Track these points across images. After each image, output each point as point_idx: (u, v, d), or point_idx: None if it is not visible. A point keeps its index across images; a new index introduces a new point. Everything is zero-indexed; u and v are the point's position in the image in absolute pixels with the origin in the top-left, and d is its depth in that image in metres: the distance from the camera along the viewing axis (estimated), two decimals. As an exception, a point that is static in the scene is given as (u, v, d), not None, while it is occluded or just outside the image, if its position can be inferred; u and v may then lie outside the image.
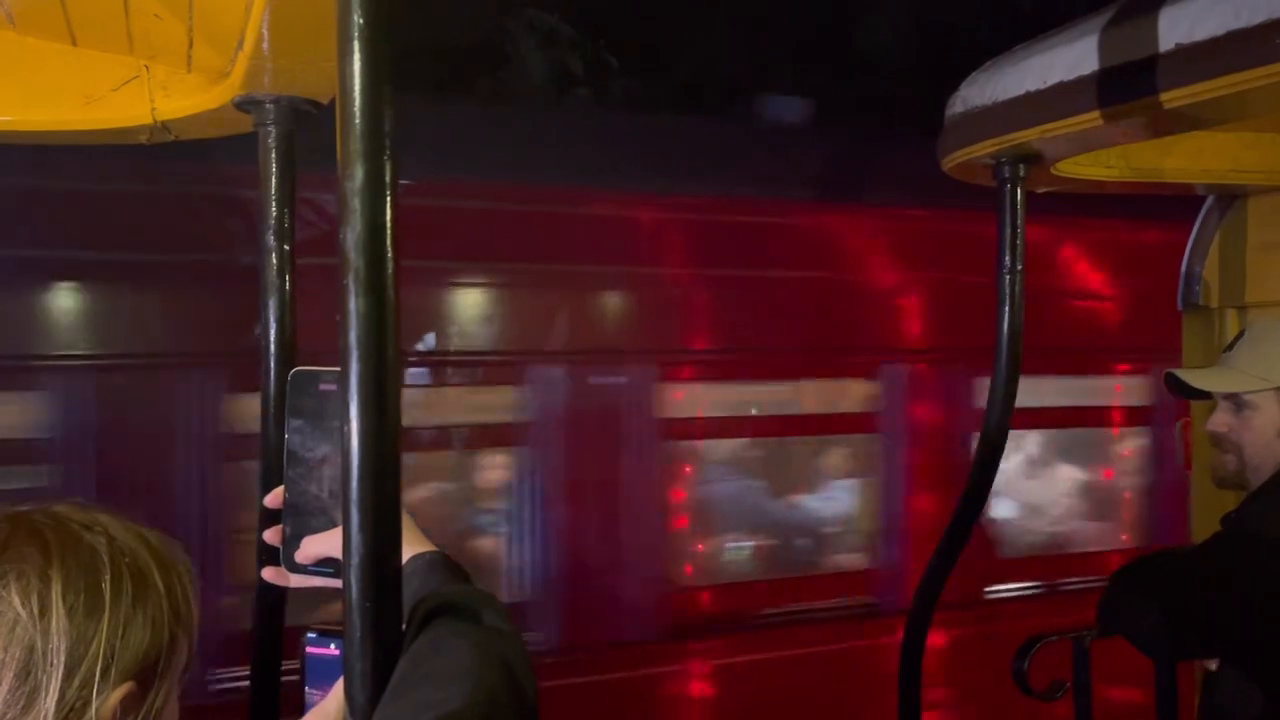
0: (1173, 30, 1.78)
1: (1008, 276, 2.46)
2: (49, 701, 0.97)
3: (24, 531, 1.04)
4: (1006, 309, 2.47)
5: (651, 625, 4.22)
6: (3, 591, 0.99)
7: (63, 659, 0.98)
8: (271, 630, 1.86)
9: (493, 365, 4.18)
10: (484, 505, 4.26)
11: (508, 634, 1.06)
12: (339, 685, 1.02)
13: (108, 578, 1.03)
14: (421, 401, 4.07)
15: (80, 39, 1.68)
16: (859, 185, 4.92)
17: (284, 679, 1.85)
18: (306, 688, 1.12)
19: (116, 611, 1.02)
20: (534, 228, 4.23)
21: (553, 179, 4.18)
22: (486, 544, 4.23)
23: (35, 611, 0.99)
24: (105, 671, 1.00)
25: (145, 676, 1.04)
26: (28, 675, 0.97)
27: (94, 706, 0.99)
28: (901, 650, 2.75)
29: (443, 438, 4.11)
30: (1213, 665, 2.40)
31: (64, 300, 3.50)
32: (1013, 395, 2.52)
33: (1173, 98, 1.78)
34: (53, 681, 0.98)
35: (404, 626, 1.03)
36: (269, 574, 1.27)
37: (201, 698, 3.08)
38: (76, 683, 0.99)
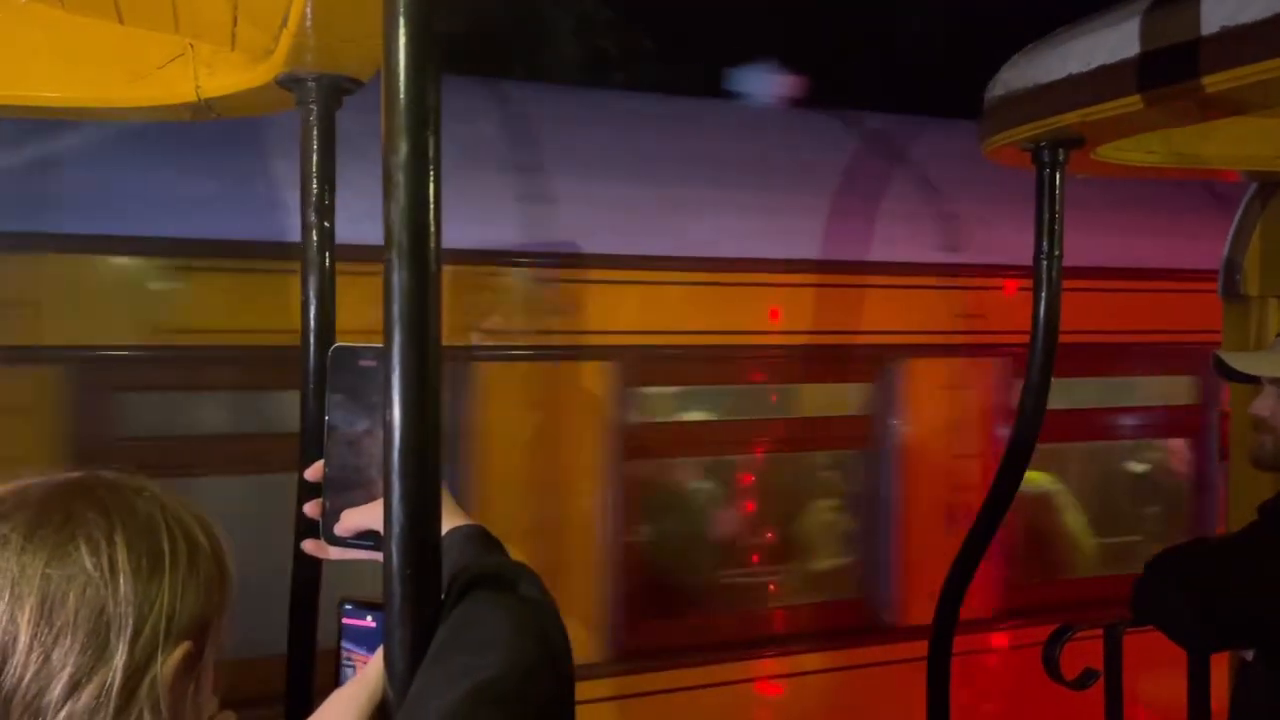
0: (1218, 12, 1.76)
1: (1044, 261, 2.44)
2: (118, 660, 1.00)
3: (85, 497, 1.06)
4: (1043, 294, 2.45)
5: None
6: (74, 553, 1.01)
7: (130, 619, 1.01)
8: (307, 602, 1.89)
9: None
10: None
11: (544, 605, 1.07)
12: (379, 654, 1.04)
13: (165, 541, 1.06)
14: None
15: (127, 17, 1.71)
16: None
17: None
18: (342, 658, 1.14)
19: (176, 573, 1.05)
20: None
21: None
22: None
23: (106, 573, 1.01)
24: (168, 631, 1.03)
25: (200, 636, 1.06)
26: (98, 635, 1.00)
27: (158, 664, 1.02)
28: (928, 665, 2.75)
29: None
30: (1249, 655, 2.38)
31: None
32: (1047, 385, 2.50)
33: (1217, 81, 1.76)
34: (121, 641, 1.00)
35: (442, 598, 1.04)
36: (309, 546, 1.29)
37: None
38: (142, 642, 1.01)
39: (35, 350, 2.68)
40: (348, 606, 1.15)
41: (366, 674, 1.06)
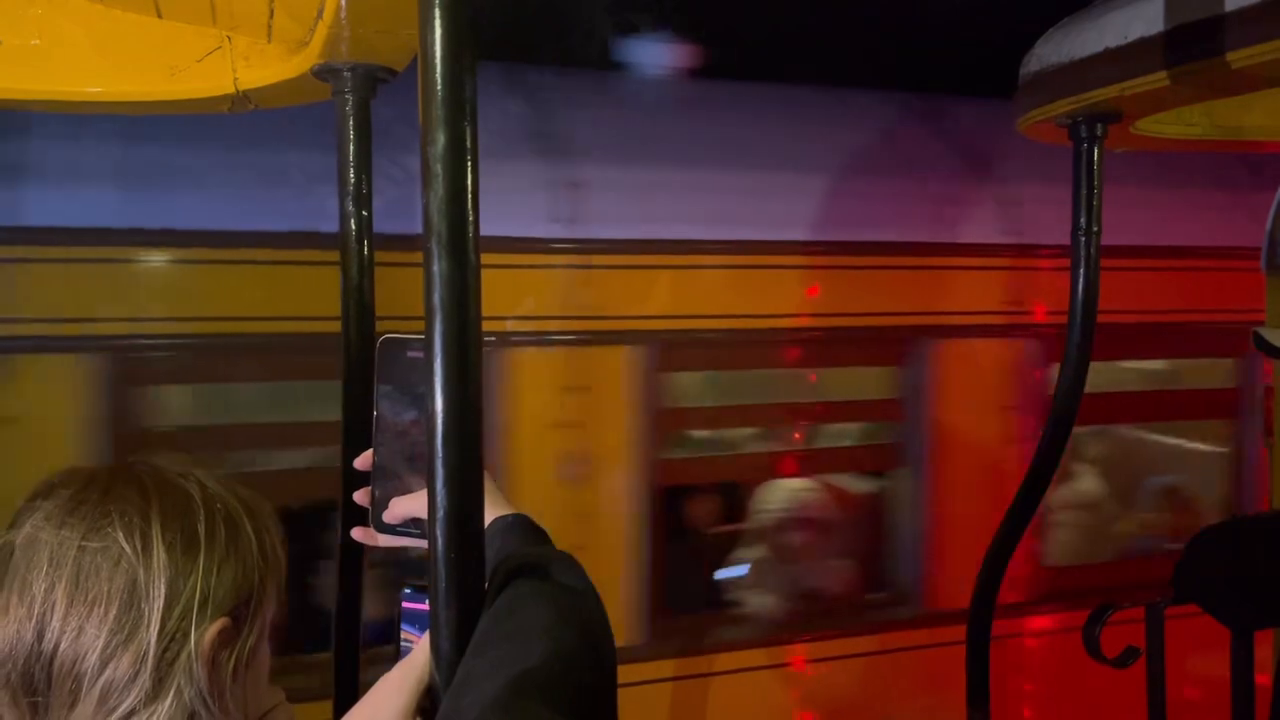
0: (1263, -19, 1.73)
1: (1083, 238, 2.41)
2: (151, 631, 1.04)
3: (124, 477, 1.11)
4: (1081, 271, 2.43)
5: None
6: (109, 529, 1.05)
7: (163, 592, 1.05)
8: (353, 587, 1.92)
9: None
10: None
11: (587, 594, 1.08)
12: (425, 639, 1.06)
13: (202, 520, 1.10)
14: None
15: (165, 11, 1.73)
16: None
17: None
18: (401, 640, 1.16)
19: (212, 551, 1.09)
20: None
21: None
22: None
23: (138, 548, 1.05)
24: (202, 606, 1.07)
25: (239, 614, 1.10)
26: (131, 606, 1.04)
27: (192, 637, 1.05)
28: (966, 645, 2.74)
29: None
30: (1293, 633, 2.36)
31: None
32: (1086, 362, 2.48)
33: (1260, 52, 1.73)
34: (154, 613, 1.04)
35: (485, 586, 1.06)
36: (358, 534, 1.31)
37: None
38: (176, 614, 1.05)
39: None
40: (407, 590, 1.17)
41: (414, 658, 1.07)
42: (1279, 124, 2.67)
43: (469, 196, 1.00)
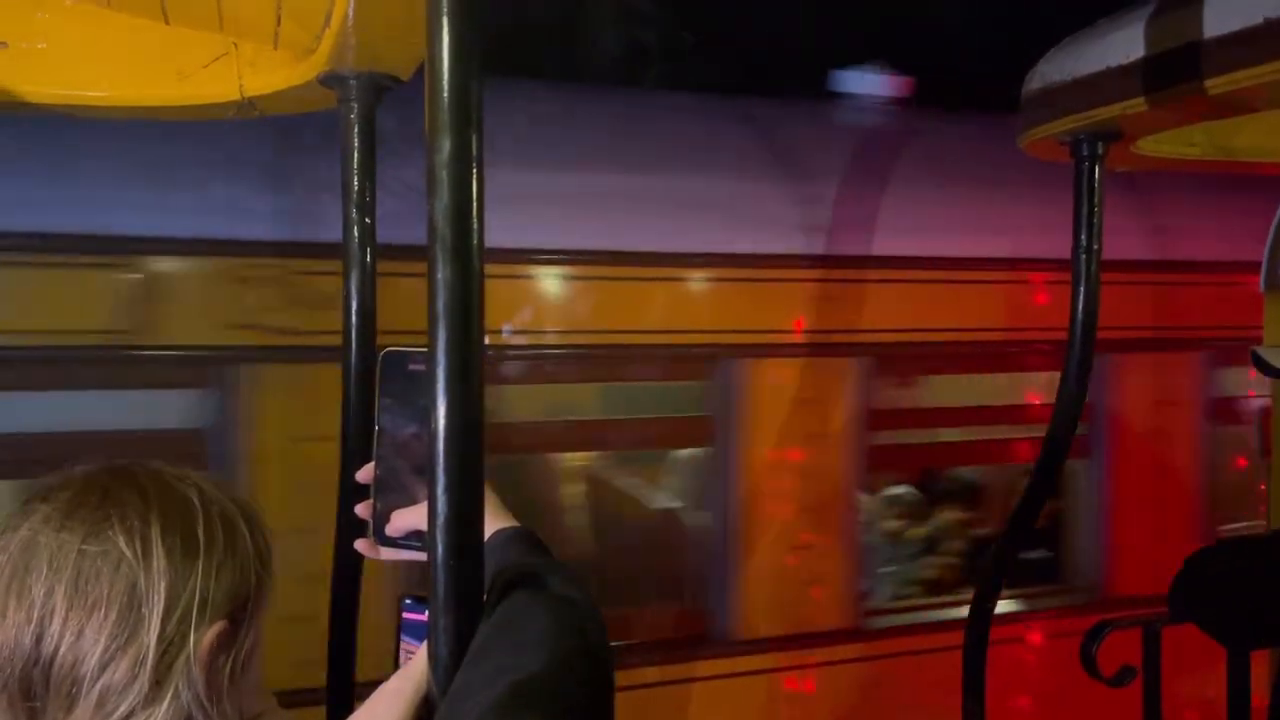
0: (1263, 4, 1.74)
1: (1083, 256, 2.42)
2: (150, 635, 1.03)
3: (123, 480, 1.10)
4: (1082, 289, 2.43)
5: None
6: (109, 533, 1.05)
7: (163, 596, 1.05)
8: (348, 599, 1.92)
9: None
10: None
11: (585, 604, 1.08)
12: (424, 649, 1.05)
13: (201, 523, 1.09)
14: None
15: (172, 17, 1.73)
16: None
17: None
18: (400, 651, 1.16)
19: (210, 555, 1.08)
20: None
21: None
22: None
23: (139, 552, 1.05)
24: (201, 609, 1.06)
25: (236, 615, 1.10)
26: (131, 610, 1.04)
27: (191, 640, 1.05)
28: (964, 653, 2.74)
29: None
30: (1290, 653, 2.36)
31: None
32: (1086, 377, 2.49)
33: (1265, 72, 1.74)
34: (153, 616, 1.04)
35: (484, 597, 1.05)
36: (361, 546, 1.31)
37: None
38: (175, 618, 1.05)
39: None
40: (407, 601, 1.16)
41: (412, 668, 1.07)
42: (1269, 144, 2.68)
43: (474, 204, 1.00)
